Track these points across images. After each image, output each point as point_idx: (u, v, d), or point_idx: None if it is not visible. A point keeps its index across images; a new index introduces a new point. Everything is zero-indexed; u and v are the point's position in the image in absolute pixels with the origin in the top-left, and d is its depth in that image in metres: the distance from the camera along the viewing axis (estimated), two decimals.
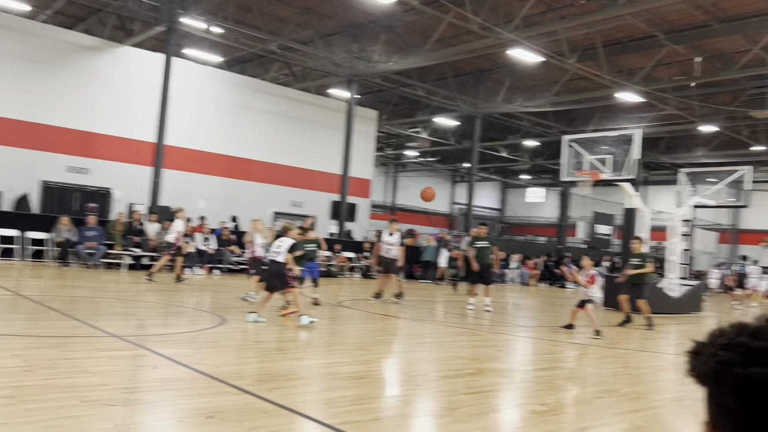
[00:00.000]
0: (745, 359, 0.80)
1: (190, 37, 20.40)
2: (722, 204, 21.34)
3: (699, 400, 3.17)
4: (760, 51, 17.67)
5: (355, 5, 17.57)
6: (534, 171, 43.16)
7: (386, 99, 28.20)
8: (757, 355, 0.80)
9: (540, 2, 16.12)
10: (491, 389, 5.64)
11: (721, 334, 0.86)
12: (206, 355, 6.07)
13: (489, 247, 12.87)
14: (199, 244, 17.39)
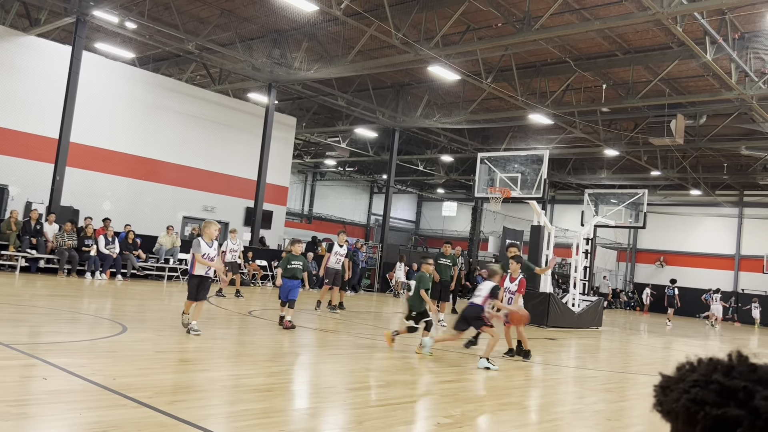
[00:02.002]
0: (719, 398, 0.74)
1: (101, 31, 19.52)
2: (622, 224, 22.60)
3: (596, 413, 3.26)
4: (659, 82, 18.92)
5: (278, 11, 17.39)
6: (449, 185, 44.14)
7: (306, 107, 28.05)
8: (731, 394, 0.74)
9: (459, 22, 16.56)
10: (399, 402, 5.66)
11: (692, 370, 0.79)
12: (103, 365, 5.76)
13: (450, 265, 13.63)
14: (101, 247, 16.56)
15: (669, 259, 36.96)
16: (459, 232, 43.95)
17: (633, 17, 14.02)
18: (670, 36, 16.39)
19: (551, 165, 30.49)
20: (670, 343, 15.68)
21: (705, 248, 35.52)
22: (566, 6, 15.13)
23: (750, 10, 14.60)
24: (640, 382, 8.44)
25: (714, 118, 22.08)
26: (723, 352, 0.89)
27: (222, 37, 19.53)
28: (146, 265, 17.90)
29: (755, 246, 33.44)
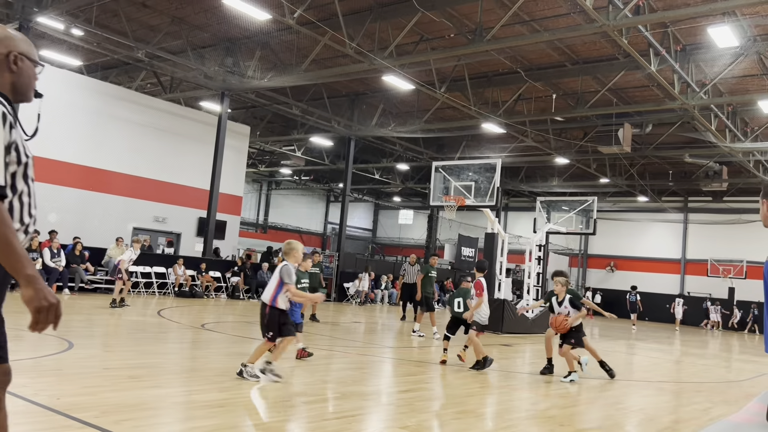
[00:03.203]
0: None
1: (46, 38, 18.94)
2: (573, 231, 23.12)
3: (550, 418, 3.31)
4: (607, 92, 19.47)
5: (230, 20, 17.21)
6: (405, 194, 44.36)
7: (260, 115, 27.81)
8: None
9: (413, 33, 16.71)
10: (355, 413, 5.62)
11: None
12: (46, 384, 5.55)
13: (433, 276, 14.06)
14: (46, 260, 16.01)
15: (619, 264, 37.95)
16: (415, 239, 44.20)
17: (581, 29, 14.40)
18: (616, 48, 16.90)
19: (504, 173, 31.00)
20: (618, 347, 16.06)
21: (653, 253, 36.62)
22: (517, 18, 15.44)
23: (691, 24, 15.17)
24: (592, 387, 8.60)
25: (659, 127, 22.83)
26: (669, 353, 0.91)
27: (173, 45, 19.21)
28: (95, 278, 17.39)
29: (699, 250, 34.66)
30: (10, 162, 2.27)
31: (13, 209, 2.35)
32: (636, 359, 13.47)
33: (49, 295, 2.19)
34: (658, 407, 7.43)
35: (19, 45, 2.44)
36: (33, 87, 2.54)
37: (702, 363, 13.46)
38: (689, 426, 6.30)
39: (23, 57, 2.44)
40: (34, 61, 2.50)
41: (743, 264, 31.98)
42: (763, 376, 11.48)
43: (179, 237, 23.29)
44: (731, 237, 33.36)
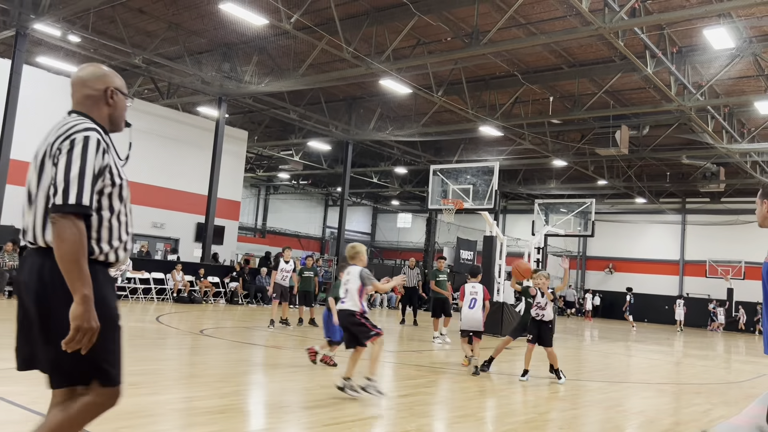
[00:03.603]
0: None
1: (43, 44, 18.96)
2: (571, 233, 23.13)
3: (549, 422, 3.31)
4: (604, 95, 19.51)
5: (227, 25, 17.24)
6: (403, 197, 44.37)
7: (258, 120, 27.82)
8: None
9: (410, 36, 16.74)
10: (354, 419, 5.61)
11: None
12: (44, 392, 5.51)
13: (445, 280, 13.69)
14: None
15: (618, 265, 37.96)
16: (414, 243, 44.19)
17: (577, 32, 14.44)
18: (612, 50, 16.94)
19: (502, 176, 31.02)
20: (619, 349, 16.06)
21: (651, 254, 36.65)
22: (513, 21, 15.48)
23: (687, 26, 15.23)
24: (592, 389, 8.60)
25: (656, 129, 22.88)
26: (668, 354, 0.91)
27: (170, 50, 19.22)
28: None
29: (698, 251, 34.69)
30: (104, 185, 2.52)
31: (112, 227, 2.59)
32: (635, 361, 13.47)
33: (93, 320, 2.35)
34: (658, 409, 7.42)
35: (114, 81, 2.74)
36: (124, 118, 2.85)
37: (701, 364, 13.46)
38: (689, 428, 6.30)
39: (118, 92, 2.73)
40: (125, 95, 2.79)
41: (742, 265, 32.02)
42: (762, 377, 11.48)
43: (177, 242, 23.26)
44: (729, 238, 33.40)
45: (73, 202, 2.35)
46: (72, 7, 15.41)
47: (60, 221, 2.35)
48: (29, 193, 2.55)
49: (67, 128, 2.50)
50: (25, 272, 2.50)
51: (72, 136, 2.45)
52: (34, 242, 2.51)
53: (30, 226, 2.52)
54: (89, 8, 15.92)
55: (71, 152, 2.41)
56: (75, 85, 2.69)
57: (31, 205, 2.53)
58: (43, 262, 2.43)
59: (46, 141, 2.54)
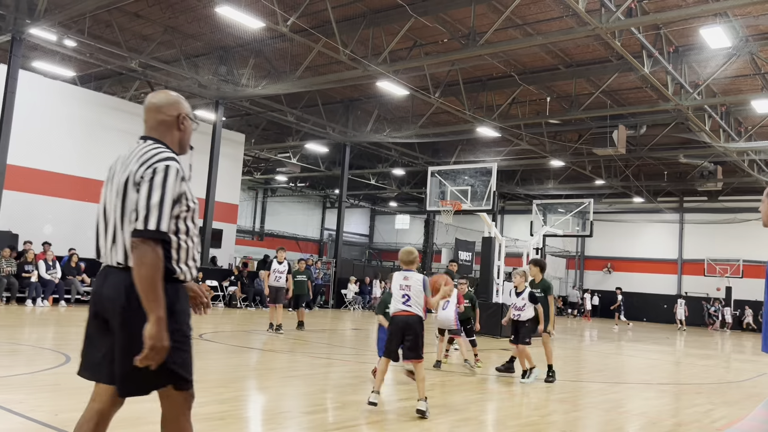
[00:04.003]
0: None
1: (39, 49, 18.92)
2: (569, 233, 23.13)
3: (551, 424, 3.28)
4: (601, 94, 19.51)
5: (223, 28, 17.21)
6: (401, 198, 44.34)
7: (255, 123, 27.77)
8: None
9: (406, 38, 16.73)
10: (355, 423, 5.59)
11: None
12: (43, 400, 5.50)
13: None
14: (42, 272, 15.94)
15: (616, 265, 37.98)
16: (412, 244, 44.14)
17: (574, 32, 14.43)
18: (609, 50, 16.94)
19: (500, 176, 30.98)
20: (619, 349, 16.05)
21: (650, 253, 36.66)
22: (510, 22, 15.47)
23: (683, 25, 15.23)
24: (593, 391, 8.58)
25: (653, 128, 22.89)
26: (668, 354, 0.89)
27: (166, 54, 19.18)
28: (91, 289, 17.31)
29: (696, 250, 34.71)
30: (181, 210, 2.67)
31: (189, 249, 2.74)
32: (635, 361, 13.46)
33: (165, 339, 2.53)
34: (659, 410, 7.41)
35: (185, 107, 2.90)
36: (190, 141, 3.02)
37: (702, 364, 13.45)
38: (691, 429, 6.28)
39: (187, 117, 2.90)
40: (193, 120, 2.96)
41: (740, 263, 32.03)
42: (763, 376, 11.48)
43: None
44: (727, 236, 33.43)
45: (153, 228, 2.53)
46: (68, 11, 15.36)
47: (140, 246, 2.52)
48: (106, 214, 2.75)
49: (149, 156, 2.67)
50: (108, 287, 2.66)
51: (154, 165, 2.62)
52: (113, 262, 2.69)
53: (110, 246, 2.70)
54: (85, 12, 15.88)
55: (153, 180, 2.58)
56: (149, 110, 2.85)
57: (108, 226, 2.73)
58: (131, 281, 2.57)
59: (126, 167, 2.70)
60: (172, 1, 16.44)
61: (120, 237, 2.65)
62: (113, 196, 2.70)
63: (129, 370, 2.54)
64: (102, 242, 2.76)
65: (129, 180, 2.64)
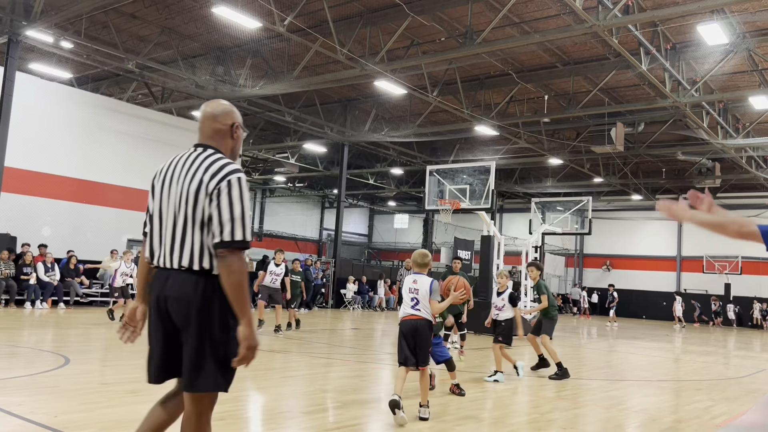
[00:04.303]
0: None
1: (36, 51, 18.89)
2: (568, 231, 23.12)
3: (551, 422, 3.27)
4: (599, 92, 19.51)
5: (220, 28, 17.18)
6: (400, 198, 44.32)
7: (253, 123, 27.74)
8: None
9: (404, 37, 16.71)
10: (355, 423, 5.58)
11: None
12: (43, 402, 5.49)
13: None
14: (41, 274, 15.92)
15: (615, 262, 38.00)
16: (411, 244, 44.15)
17: (571, 30, 14.42)
18: (607, 47, 16.94)
19: (498, 175, 30.96)
20: (619, 346, 16.05)
21: (648, 251, 36.69)
22: (507, 20, 15.46)
23: (680, 22, 15.22)
24: (593, 388, 8.58)
25: (651, 126, 22.89)
26: (668, 351, 0.88)
27: (163, 55, 19.16)
28: (90, 291, 17.29)
29: (695, 247, 34.74)
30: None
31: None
32: (635, 358, 13.46)
33: (257, 337, 2.74)
34: (659, 407, 7.41)
35: (238, 117, 3.04)
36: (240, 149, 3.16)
37: (701, 360, 13.46)
38: (691, 425, 6.28)
39: (240, 126, 3.03)
40: (243, 128, 3.10)
41: (738, 260, 32.06)
42: (762, 372, 11.48)
43: None
44: None
45: (240, 239, 2.70)
46: (64, 13, 15.33)
47: (229, 256, 2.68)
48: (162, 218, 2.87)
49: (218, 167, 2.79)
50: (172, 289, 2.76)
51: (228, 177, 2.75)
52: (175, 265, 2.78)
53: (170, 249, 2.80)
54: (81, 14, 15.85)
55: (231, 193, 2.72)
56: (206, 119, 2.99)
57: (164, 230, 2.84)
58: (204, 283, 2.72)
59: (193, 175, 2.81)
60: (169, 1, 16.41)
61: (188, 241, 2.75)
62: (177, 202, 2.81)
63: (199, 367, 2.71)
64: (157, 245, 2.86)
65: (201, 189, 2.75)
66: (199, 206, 2.75)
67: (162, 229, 2.84)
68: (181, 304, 2.73)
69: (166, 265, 2.81)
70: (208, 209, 2.73)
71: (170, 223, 2.82)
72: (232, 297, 2.69)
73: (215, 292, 2.72)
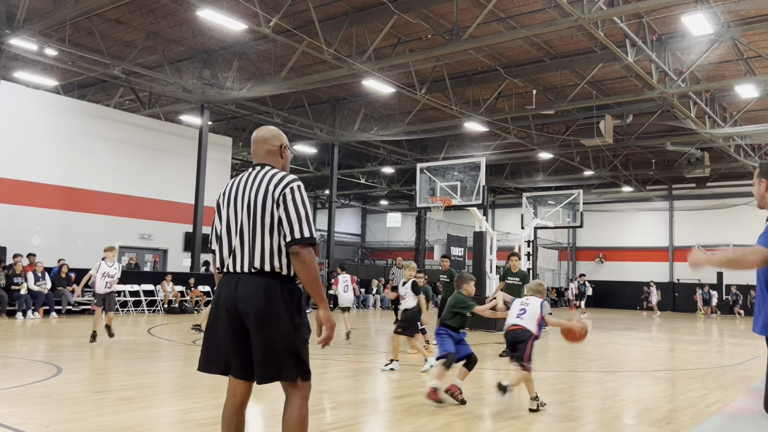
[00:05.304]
0: None
1: (20, 59, 18.73)
2: (560, 225, 23.17)
3: (548, 415, 3.25)
4: (586, 85, 19.56)
5: (206, 32, 17.12)
6: (392, 196, 44.30)
7: (242, 126, 27.67)
8: None
9: (390, 35, 16.69)
10: (351, 423, 5.56)
11: None
12: (35, 412, 5.44)
13: (450, 281, 12.56)
14: (31, 284, 15.80)
15: (608, 254, 38.14)
16: (405, 242, 44.18)
17: (557, 24, 14.45)
18: (593, 40, 16.98)
19: (489, 171, 31.02)
20: (613, 338, 16.10)
21: (641, 242, 36.83)
22: (492, 15, 15.46)
23: (665, 13, 15.28)
24: (589, 380, 8.59)
25: (640, 117, 22.97)
26: (661, 341, 0.87)
27: (149, 60, 19.06)
28: (82, 299, 17.19)
29: (686, 237, 34.90)
30: None
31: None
32: (629, 349, 13.50)
33: (333, 319, 3.17)
34: (654, 397, 7.43)
35: (285, 138, 3.44)
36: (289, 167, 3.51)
37: (695, 349, 13.52)
38: (686, 414, 6.30)
39: (287, 147, 3.43)
40: (290, 149, 3.48)
41: (730, 247, 32.20)
42: (756, 359, 11.54)
43: (166, 253, 23.09)
44: (716, 222, 33.64)
45: (308, 236, 3.08)
46: (47, 20, 15.22)
47: (302, 251, 3.05)
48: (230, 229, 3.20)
49: (280, 178, 3.18)
50: (244, 290, 3.07)
51: (290, 184, 3.15)
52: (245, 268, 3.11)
53: (240, 255, 3.13)
54: (65, 21, 15.73)
55: (295, 198, 3.11)
56: (258, 142, 3.37)
57: (232, 239, 3.17)
58: (274, 284, 3.07)
59: (258, 189, 3.15)
60: (153, 6, 16.32)
61: (258, 245, 3.08)
62: (245, 212, 3.15)
63: (270, 361, 3.02)
64: (227, 253, 3.19)
65: (267, 197, 3.12)
66: (267, 212, 3.10)
67: (231, 239, 3.18)
68: (252, 304, 3.03)
69: (236, 269, 3.13)
70: (277, 213, 3.09)
71: (239, 231, 3.15)
72: (309, 286, 3.07)
73: (284, 292, 3.07)
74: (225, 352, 3.11)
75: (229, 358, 3.11)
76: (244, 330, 3.06)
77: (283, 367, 3.04)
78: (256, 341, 3.03)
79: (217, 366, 3.16)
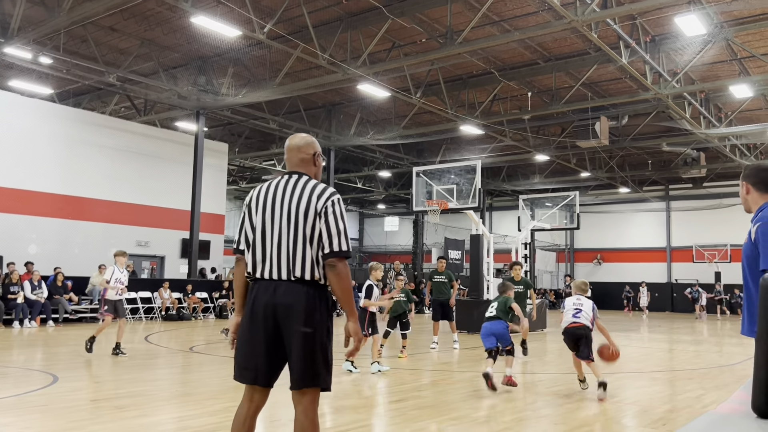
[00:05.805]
0: None
1: (14, 68, 18.73)
2: (557, 227, 23.18)
3: (543, 417, 3.26)
4: (581, 87, 19.61)
5: (200, 38, 17.12)
6: (389, 200, 44.31)
7: (238, 131, 27.66)
8: None
9: (385, 40, 16.71)
10: (350, 427, 5.55)
11: None
12: (32, 421, 5.42)
13: (446, 281, 12.71)
14: (27, 293, 15.77)
15: (606, 256, 38.16)
16: (402, 246, 44.16)
17: (550, 26, 14.48)
18: (587, 42, 17.02)
19: (486, 173, 31.08)
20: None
21: (638, 243, 36.86)
22: (486, 19, 15.50)
23: (658, 14, 15.33)
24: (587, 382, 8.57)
25: (635, 118, 23.02)
26: (662, 342, 0.87)
27: (144, 67, 19.06)
28: (79, 308, 17.15)
29: (684, 237, 34.95)
30: None
31: None
32: (627, 350, 13.50)
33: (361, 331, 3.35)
34: (652, 398, 7.43)
35: (318, 146, 3.50)
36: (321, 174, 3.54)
37: (693, 349, 13.52)
38: (683, 415, 6.30)
39: (320, 155, 3.49)
40: (322, 156, 3.54)
41: (727, 248, 32.27)
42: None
43: (163, 260, 23.06)
44: (714, 222, 33.68)
45: (345, 249, 3.15)
46: (42, 28, 15.21)
47: (338, 264, 3.12)
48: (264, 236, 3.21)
49: (321, 190, 3.24)
50: (283, 297, 3.10)
51: (330, 198, 3.22)
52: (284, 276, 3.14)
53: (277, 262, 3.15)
54: (59, 29, 15.73)
55: (335, 211, 3.19)
56: (291, 150, 3.43)
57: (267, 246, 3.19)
58: (313, 293, 3.14)
59: (299, 198, 3.20)
60: (147, 13, 16.32)
61: (300, 254, 3.13)
62: (286, 220, 3.19)
63: (311, 367, 3.09)
64: (260, 259, 3.19)
65: (310, 209, 3.17)
66: (309, 223, 3.15)
67: (266, 245, 3.19)
68: (291, 311, 3.08)
69: (273, 276, 3.15)
70: (318, 225, 3.15)
71: (276, 239, 3.17)
72: (342, 299, 3.15)
73: (321, 300, 3.15)
74: (255, 360, 3.15)
75: (258, 366, 3.15)
76: (277, 335, 3.10)
77: (320, 373, 3.11)
78: (295, 347, 3.07)
79: (248, 376, 3.20)
